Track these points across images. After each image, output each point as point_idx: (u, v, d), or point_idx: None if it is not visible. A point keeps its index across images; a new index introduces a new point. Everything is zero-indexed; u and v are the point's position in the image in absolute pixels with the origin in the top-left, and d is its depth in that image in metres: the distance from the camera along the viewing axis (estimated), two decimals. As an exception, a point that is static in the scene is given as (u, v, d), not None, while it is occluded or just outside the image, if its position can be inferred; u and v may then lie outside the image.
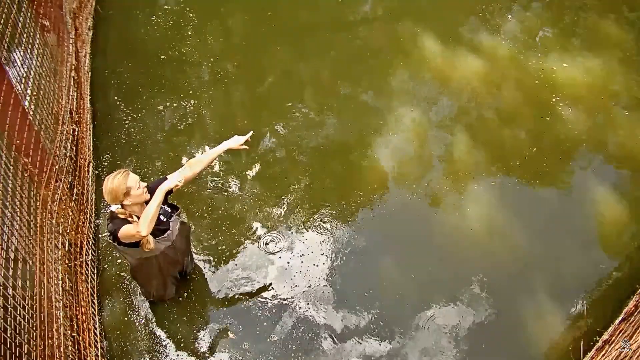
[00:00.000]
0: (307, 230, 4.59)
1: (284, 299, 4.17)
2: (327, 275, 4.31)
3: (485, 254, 4.44)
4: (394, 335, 4.01)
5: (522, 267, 4.39)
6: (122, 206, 3.25)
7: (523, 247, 4.50)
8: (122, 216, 3.24)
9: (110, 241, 3.37)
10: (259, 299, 4.17)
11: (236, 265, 4.36)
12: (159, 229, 3.41)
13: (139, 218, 3.22)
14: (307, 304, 4.15)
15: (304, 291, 4.22)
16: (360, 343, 3.97)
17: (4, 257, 2.78)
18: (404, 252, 4.47)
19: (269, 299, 4.17)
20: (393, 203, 4.79)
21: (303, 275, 4.30)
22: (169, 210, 3.55)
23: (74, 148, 4.51)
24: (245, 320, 4.06)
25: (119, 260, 4.32)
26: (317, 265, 4.36)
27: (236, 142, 3.58)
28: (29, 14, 4.22)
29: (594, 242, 4.58)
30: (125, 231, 3.20)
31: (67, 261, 3.75)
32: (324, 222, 4.64)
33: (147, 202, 3.27)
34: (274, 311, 4.10)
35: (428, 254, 4.46)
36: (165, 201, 3.54)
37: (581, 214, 4.76)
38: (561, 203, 4.84)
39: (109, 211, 3.34)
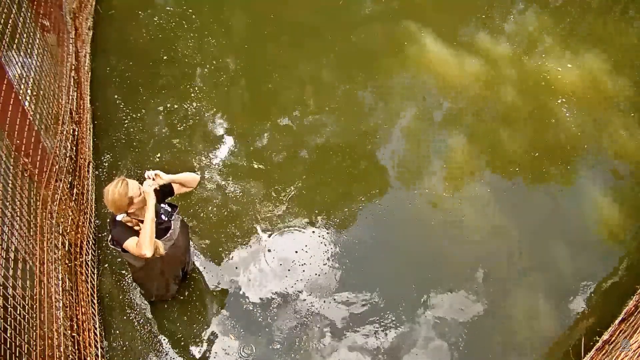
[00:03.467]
0: (308, 234, 4.58)
1: (286, 303, 4.16)
2: (328, 279, 4.30)
3: (485, 255, 4.45)
4: (394, 339, 4.01)
5: (522, 268, 4.39)
6: (128, 214, 3.24)
7: (523, 247, 4.50)
8: (129, 224, 3.24)
9: (112, 246, 3.36)
10: (260, 302, 4.17)
11: (237, 268, 4.35)
12: (161, 228, 3.42)
13: (142, 222, 3.22)
14: (309, 308, 4.15)
15: (305, 296, 4.21)
16: (361, 346, 3.97)
17: (4, 257, 2.77)
18: (404, 255, 4.47)
19: (270, 303, 4.16)
20: (393, 205, 4.79)
21: (305, 280, 4.30)
22: (170, 210, 3.55)
23: (74, 148, 4.51)
24: (245, 323, 4.06)
25: (119, 260, 4.31)
26: (318, 273, 4.36)
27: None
28: (29, 14, 4.22)
29: (594, 242, 4.58)
30: (131, 248, 3.21)
31: (67, 261, 3.74)
32: (326, 226, 4.63)
33: None
34: (275, 315, 4.10)
35: (428, 256, 4.46)
36: (164, 201, 3.54)
37: (581, 214, 4.76)
38: (561, 203, 4.84)
39: (109, 212, 3.33)
